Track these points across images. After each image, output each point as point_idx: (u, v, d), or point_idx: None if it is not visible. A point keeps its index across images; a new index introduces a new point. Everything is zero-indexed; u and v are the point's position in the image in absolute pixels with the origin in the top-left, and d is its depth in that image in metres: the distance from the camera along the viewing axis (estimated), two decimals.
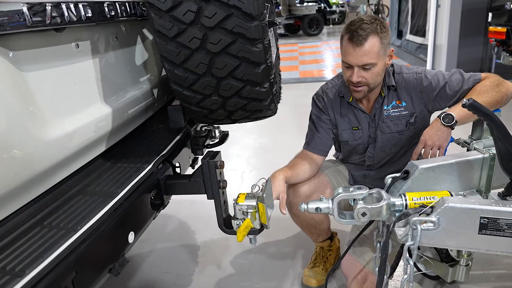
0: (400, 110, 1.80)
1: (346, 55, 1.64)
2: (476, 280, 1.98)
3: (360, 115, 1.86)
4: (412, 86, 1.77)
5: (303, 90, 6.52)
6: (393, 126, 1.81)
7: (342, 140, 1.92)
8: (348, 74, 1.69)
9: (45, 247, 0.90)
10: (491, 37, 4.91)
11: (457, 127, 1.57)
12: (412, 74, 1.79)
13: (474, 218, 1.09)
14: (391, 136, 1.83)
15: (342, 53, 1.67)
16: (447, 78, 1.72)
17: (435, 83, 1.73)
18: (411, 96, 1.78)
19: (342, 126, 1.89)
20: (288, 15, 14.85)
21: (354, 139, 1.89)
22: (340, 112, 1.89)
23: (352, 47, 1.60)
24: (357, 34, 1.58)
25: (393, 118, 1.80)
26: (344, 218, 1.31)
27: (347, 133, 1.89)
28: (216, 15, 1.15)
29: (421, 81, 1.76)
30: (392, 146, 1.85)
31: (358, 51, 1.59)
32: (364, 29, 1.57)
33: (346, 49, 1.64)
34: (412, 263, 1.18)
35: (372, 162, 1.93)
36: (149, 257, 2.42)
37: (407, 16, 8.76)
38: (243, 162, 3.81)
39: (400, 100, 1.80)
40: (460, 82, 1.70)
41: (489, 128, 1.21)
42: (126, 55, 1.55)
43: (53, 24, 1.04)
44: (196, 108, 1.41)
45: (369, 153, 1.91)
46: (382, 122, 1.81)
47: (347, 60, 1.65)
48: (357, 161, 1.99)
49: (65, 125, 1.15)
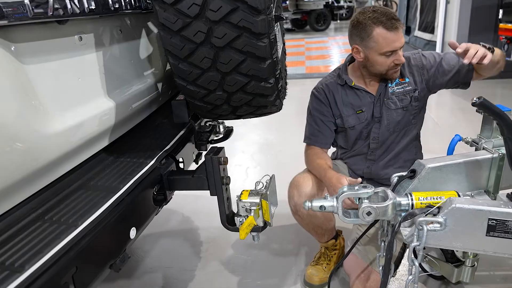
0: (404, 86, 1.88)
1: (391, 43, 1.71)
2: (482, 281, 1.96)
3: (363, 96, 1.90)
4: (413, 64, 1.88)
5: (309, 86, 6.44)
6: (398, 102, 1.87)
7: (349, 126, 1.93)
8: (390, 60, 1.76)
9: (45, 242, 0.89)
10: (501, 35, 4.85)
11: (466, 126, 1.54)
12: (411, 54, 1.92)
13: (482, 220, 1.07)
14: (396, 112, 1.88)
15: (384, 44, 1.71)
16: (442, 55, 1.87)
17: (432, 60, 1.86)
18: (413, 73, 1.88)
19: (346, 112, 1.91)
20: (295, 9, 14.74)
21: (360, 122, 1.92)
22: (342, 100, 1.92)
23: (394, 33, 1.70)
24: (390, 22, 1.68)
25: (398, 94, 1.87)
26: (348, 216, 1.29)
27: (352, 118, 1.91)
28: (221, 8, 1.13)
29: (420, 60, 1.88)
30: (396, 124, 1.90)
31: (399, 34, 1.71)
32: (392, 15, 1.70)
33: (388, 38, 1.70)
34: (418, 264, 1.16)
35: (377, 143, 1.94)
36: (152, 251, 2.42)
37: (415, 12, 8.65)
38: (247, 157, 3.79)
39: (403, 77, 1.88)
40: (455, 58, 1.81)
41: (499, 127, 1.18)
42: (130, 49, 1.53)
43: (56, 16, 1.02)
44: (200, 103, 1.39)
45: (374, 133, 1.92)
46: (388, 99, 1.87)
47: (393, 48, 1.72)
48: (361, 149, 1.99)
49: (68, 119, 1.14)
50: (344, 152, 2.07)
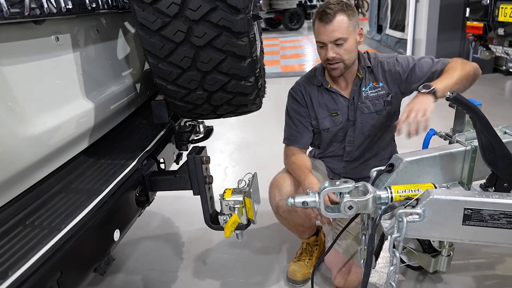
0: (377, 90, 1.88)
1: (319, 35, 1.75)
2: (457, 270, 2.03)
3: (338, 99, 1.91)
4: (387, 68, 1.88)
5: (284, 85, 6.48)
6: (372, 106, 1.88)
7: (324, 128, 1.94)
8: (323, 53, 1.79)
9: (28, 247, 0.87)
10: (469, 32, 5.02)
11: (439, 121, 1.60)
12: (386, 58, 1.91)
13: (458, 210, 1.11)
14: (370, 116, 1.89)
15: (315, 34, 1.77)
16: (416, 61, 1.85)
17: (406, 65, 1.85)
18: (386, 78, 1.88)
19: (321, 114, 1.92)
20: (269, 9, 14.79)
21: (335, 125, 1.92)
22: (318, 101, 1.93)
23: (323, 25, 1.71)
24: (325, 13, 1.70)
25: (371, 98, 1.88)
26: (330, 211, 1.32)
27: (327, 120, 1.92)
28: (201, 7, 1.13)
29: (394, 64, 1.87)
30: (370, 127, 1.91)
31: (328, 27, 1.70)
32: (331, 8, 1.70)
33: (318, 29, 1.75)
34: (398, 255, 1.19)
35: (352, 147, 1.96)
36: (133, 254, 2.39)
37: (386, 11, 8.84)
38: (226, 157, 3.79)
39: (377, 81, 1.89)
40: (430, 65, 1.81)
41: (472, 120, 1.23)
42: (107, 49, 1.51)
43: (32, 16, 1.00)
44: (180, 103, 1.39)
45: (349, 137, 1.94)
46: (362, 103, 1.88)
47: (320, 39, 1.75)
48: (337, 151, 2.01)
49: (46, 121, 1.12)
50: (320, 152, 2.09)
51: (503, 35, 4.36)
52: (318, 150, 2.11)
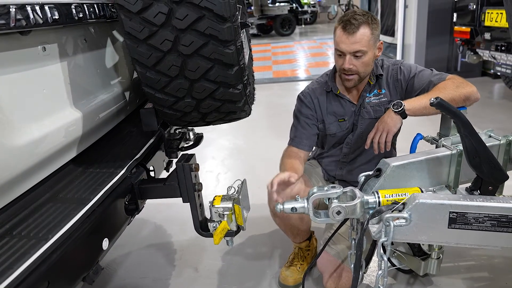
0: (380, 97, 1.90)
1: (339, 43, 1.74)
2: (447, 272, 2.05)
3: (347, 105, 1.93)
4: (390, 76, 1.90)
5: (276, 90, 6.54)
6: (372, 112, 1.90)
7: (330, 133, 1.97)
8: (340, 62, 1.78)
9: (15, 258, 0.86)
10: (457, 37, 5.08)
11: (427, 125, 1.62)
12: (391, 65, 1.92)
13: (444, 213, 1.13)
14: (369, 122, 1.90)
15: (336, 42, 1.76)
16: (417, 71, 1.84)
17: (407, 74, 1.86)
18: (389, 85, 1.90)
19: (328, 120, 1.95)
20: (261, 15, 14.88)
21: (341, 130, 1.95)
22: (326, 106, 1.95)
23: (345, 35, 1.70)
24: (349, 23, 1.69)
25: (373, 104, 1.90)
26: (319, 217, 1.33)
27: (334, 125, 1.95)
28: (187, 17, 1.14)
29: (397, 72, 1.89)
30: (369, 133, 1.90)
31: (351, 38, 1.69)
32: (356, 19, 1.69)
33: (339, 38, 1.73)
34: (386, 258, 1.20)
35: (349, 149, 1.98)
36: (125, 262, 2.38)
37: (376, 16, 8.93)
38: (218, 163, 3.79)
39: (381, 88, 1.91)
40: (428, 75, 1.81)
41: (456, 125, 1.25)
42: (95, 58, 1.51)
43: (18, 27, 1.00)
44: (169, 110, 1.39)
45: (348, 139, 1.97)
46: (364, 108, 1.90)
47: (340, 48, 1.74)
48: (335, 152, 2.04)
49: (33, 131, 1.11)
50: (320, 153, 2.13)
51: (489, 39, 4.43)
52: (319, 151, 2.15)
